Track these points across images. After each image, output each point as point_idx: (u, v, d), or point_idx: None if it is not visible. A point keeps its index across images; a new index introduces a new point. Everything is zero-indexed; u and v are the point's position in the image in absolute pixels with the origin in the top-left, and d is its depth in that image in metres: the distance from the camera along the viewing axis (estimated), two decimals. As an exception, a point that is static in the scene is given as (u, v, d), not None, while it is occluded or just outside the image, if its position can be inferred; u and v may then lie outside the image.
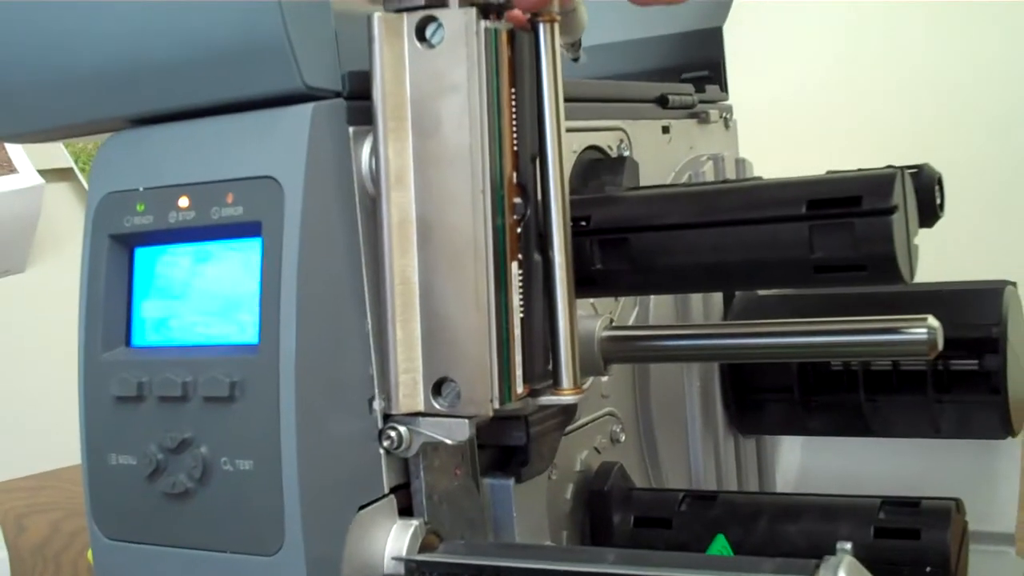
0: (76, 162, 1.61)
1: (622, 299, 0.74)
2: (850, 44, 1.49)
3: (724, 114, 0.91)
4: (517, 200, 0.52)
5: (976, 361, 0.73)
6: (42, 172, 1.52)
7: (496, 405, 0.51)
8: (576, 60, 0.66)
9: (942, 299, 0.74)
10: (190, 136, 0.53)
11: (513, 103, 0.52)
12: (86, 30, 0.53)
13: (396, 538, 0.52)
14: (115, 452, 0.53)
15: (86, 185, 1.57)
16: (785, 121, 1.43)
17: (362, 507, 0.51)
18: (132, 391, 0.52)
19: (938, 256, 0.73)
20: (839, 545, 0.45)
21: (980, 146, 1.45)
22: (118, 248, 0.55)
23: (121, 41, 0.53)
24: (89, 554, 0.94)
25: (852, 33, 1.50)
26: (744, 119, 0.94)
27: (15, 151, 1.51)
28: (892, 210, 0.54)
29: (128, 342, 0.55)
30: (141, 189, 0.54)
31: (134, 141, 0.55)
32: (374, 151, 0.51)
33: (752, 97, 1.02)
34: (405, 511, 0.54)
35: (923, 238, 0.59)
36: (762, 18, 1.45)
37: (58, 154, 1.59)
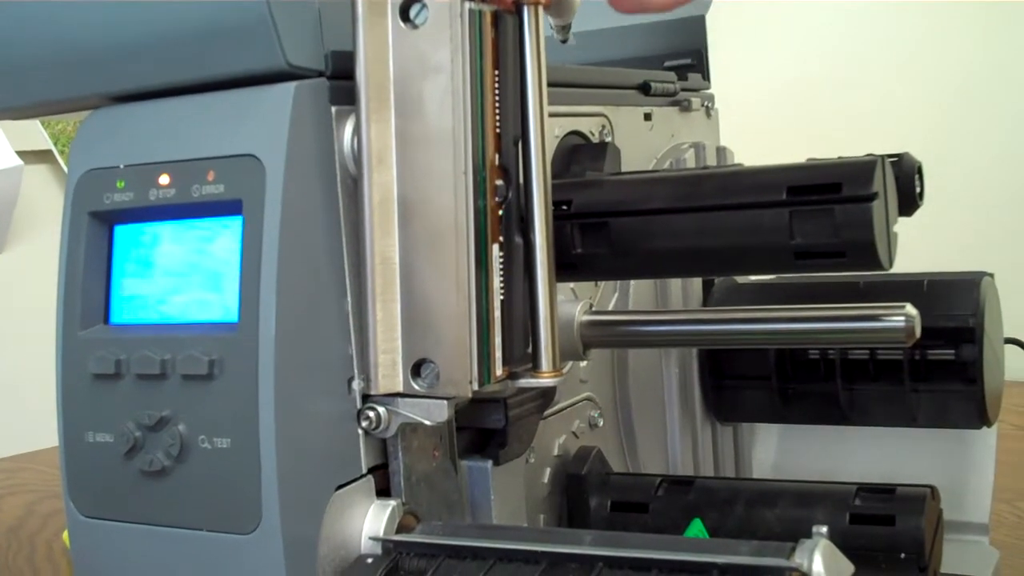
0: (55, 144, 1.60)
1: (602, 284, 0.74)
2: (833, 35, 1.50)
3: (706, 103, 0.91)
4: (499, 182, 0.52)
5: (953, 351, 0.73)
6: (21, 153, 1.51)
7: (475, 387, 0.51)
8: (565, 41, 0.66)
9: (920, 289, 0.75)
10: (171, 114, 0.53)
11: (496, 86, 0.52)
12: (67, 6, 0.53)
13: (373, 518, 0.53)
14: (92, 430, 0.53)
15: (65, 167, 1.56)
16: (767, 111, 1.44)
17: (340, 487, 0.51)
18: (110, 368, 0.52)
19: (918, 247, 0.73)
20: (815, 528, 0.46)
21: (961, 138, 1.46)
22: (98, 225, 0.54)
23: (104, 18, 0.52)
24: (64, 535, 0.94)
25: (835, 24, 1.50)
26: (726, 108, 0.94)
27: (-6, 132, 1.50)
28: (872, 197, 0.54)
29: (107, 320, 0.54)
30: (121, 166, 0.53)
31: (115, 118, 0.55)
32: (356, 131, 0.51)
33: (734, 86, 1.02)
34: (383, 492, 0.54)
35: (903, 229, 0.60)
36: (746, 7, 1.46)
37: (37, 135, 1.59)
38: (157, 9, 0.51)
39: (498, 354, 0.52)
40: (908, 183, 0.63)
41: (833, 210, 0.55)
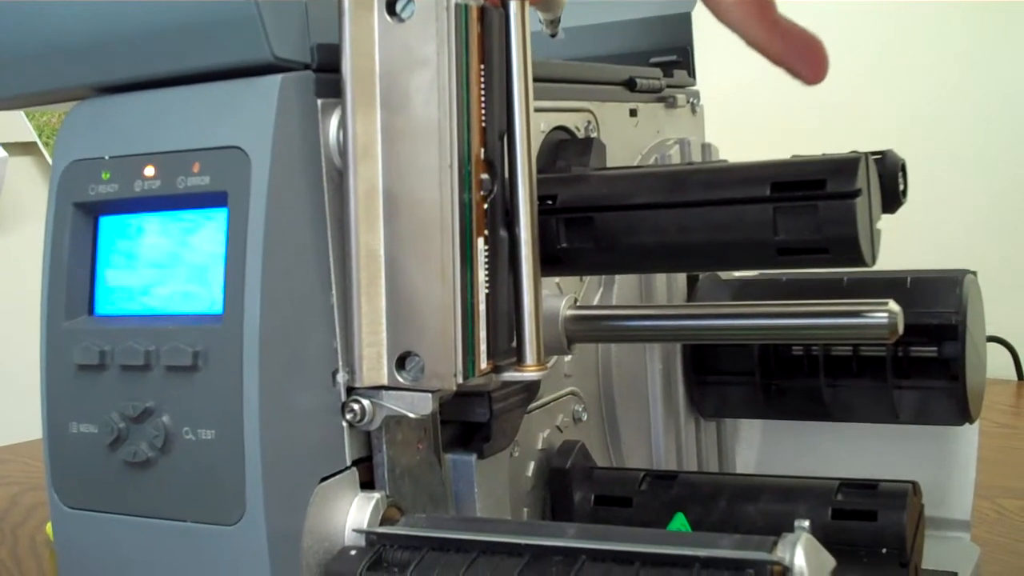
0: (40, 136, 1.60)
1: (587, 280, 0.74)
2: (819, 32, 1.50)
3: (691, 99, 0.91)
4: (484, 176, 0.52)
5: (935, 348, 0.73)
6: (5, 145, 1.51)
7: (460, 380, 0.51)
8: (554, 36, 0.67)
9: (904, 286, 0.75)
10: (157, 105, 0.53)
11: (482, 80, 0.52)
12: (53, -3, 0.53)
13: (357, 510, 0.53)
14: (76, 420, 0.53)
15: (50, 159, 1.56)
16: (752, 108, 1.44)
17: (324, 479, 0.51)
18: (94, 359, 0.52)
19: (901, 244, 0.74)
20: (797, 522, 0.46)
21: (947, 135, 1.46)
22: (82, 216, 0.54)
23: (88, 8, 0.52)
24: (47, 528, 0.94)
25: (820, 21, 1.51)
26: (711, 105, 0.94)
27: (-22, 124, 1.50)
28: (856, 193, 0.55)
29: (91, 311, 0.54)
30: (107, 157, 0.53)
31: (100, 110, 0.55)
32: (342, 124, 0.51)
33: (720, 83, 1.02)
34: (367, 484, 0.54)
35: (886, 226, 0.60)
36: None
37: (22, 127, 1.58)
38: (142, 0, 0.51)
39: (483, 347, 0.52)
40: (892, 180, 0.63)
41: (817, 206, 0.55)
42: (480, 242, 0.52)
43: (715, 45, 1.01)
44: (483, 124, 0.52)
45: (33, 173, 1.62)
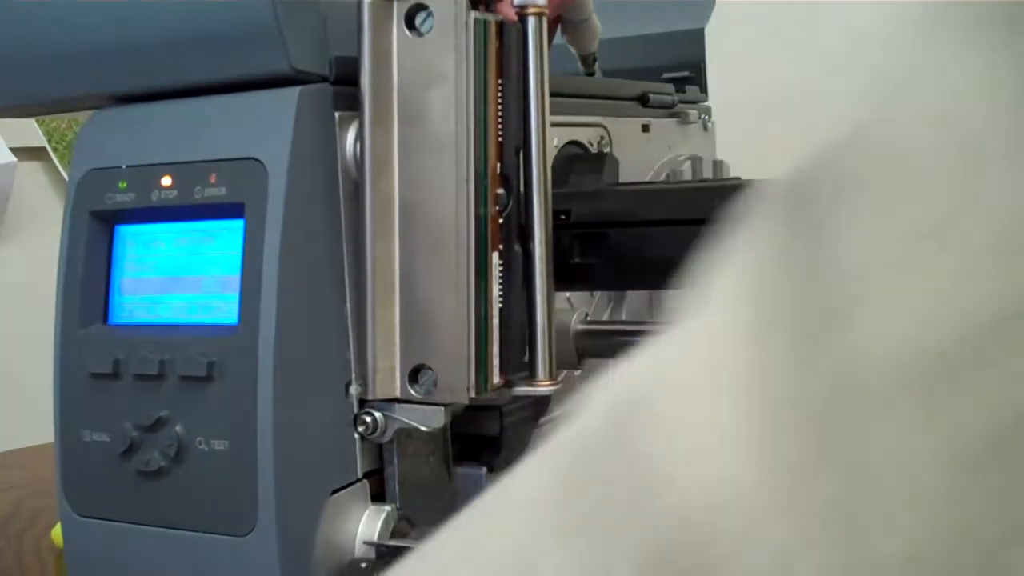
0: (49, 141, 1.60)
1: (597, 295, 0.74)
2: (831, 49, 1.50)
3: (703, 115, 0.91)
4: (500, 191, 0.53)
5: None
6: (14, 150, 1.51)
7: (472, 394, 0.51)
8: (591, 74, 0.66)
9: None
10: (175, 115, 0.53)
11: (500, 95, 0.52)
12: (72, 6, 0.53)
13: (368, 523, 0.53)
14: (89, 429, 0.53)
15: (59, 165, 1.56)
16: (763, 125, 1.44)
17: (335, 491, 0.52)
18: (108, 368, 0.52)
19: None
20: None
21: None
22: (98, 225, 0.54)
23: (108, 18, 0.53)
24: (53, 532, 0.94)
25: (834, 38, 1.51)
26: (723, 122, 0.94)
27: (-13, 129, 1.50)
28: (869, 213, 0.55)
29: (106, 319, 0.54)
30: (124, 167, 0.54)
31: (118, 119, 0.55)
32: (359, 137, 0.51)
33: (731, 100, 1.02)
34: (378, 497, 0.54)
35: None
36: (744, 20, 1.46)
37: (31, 133, 1.58)
38: (162, 10, 0.51)
39: (496, 362, 0.52)
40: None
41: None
42: (495, 257, 0.52)
43: (727, 61, 1.01)
44: (500, 139, 0.52)
45: (42, 179, 1.62)
